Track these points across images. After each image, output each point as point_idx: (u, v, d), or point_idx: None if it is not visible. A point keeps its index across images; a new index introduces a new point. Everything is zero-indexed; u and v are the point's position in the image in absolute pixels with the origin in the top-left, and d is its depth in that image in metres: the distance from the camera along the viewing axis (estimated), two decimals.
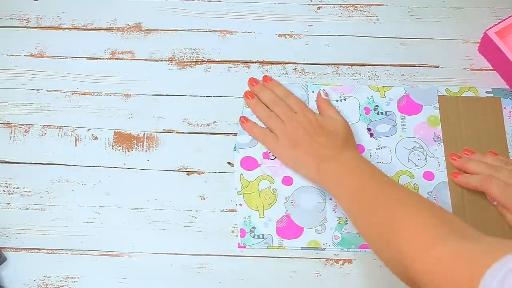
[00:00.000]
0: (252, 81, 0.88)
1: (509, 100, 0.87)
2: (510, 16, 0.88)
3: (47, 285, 0.80)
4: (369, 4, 0.95)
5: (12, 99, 0.89)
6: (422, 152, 0.85)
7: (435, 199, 0.82)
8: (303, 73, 0.90)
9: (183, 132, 0.87)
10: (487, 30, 0.88)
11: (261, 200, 0.83)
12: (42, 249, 0.81)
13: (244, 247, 0.81)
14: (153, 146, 0.86)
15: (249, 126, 0.86)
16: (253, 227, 0.81)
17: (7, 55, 0.92)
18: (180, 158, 0.86)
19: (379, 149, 0.85)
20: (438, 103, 0.87)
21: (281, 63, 0.91)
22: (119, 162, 0.86)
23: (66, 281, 0.80)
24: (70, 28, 0.93)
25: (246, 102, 0.88)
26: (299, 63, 0.91)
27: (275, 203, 0.83)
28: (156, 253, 0.81)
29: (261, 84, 0.88)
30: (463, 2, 0.95)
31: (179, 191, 0.84)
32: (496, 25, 0.88)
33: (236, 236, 0.82)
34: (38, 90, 0.90)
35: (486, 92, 0.88)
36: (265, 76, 0.89)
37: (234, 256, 0.81)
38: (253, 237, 0.81)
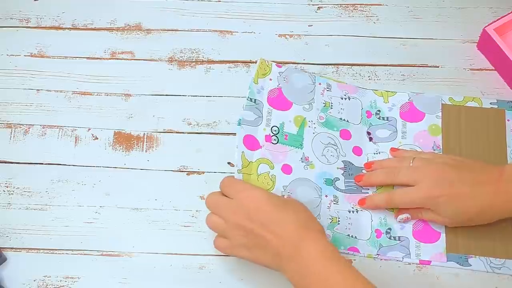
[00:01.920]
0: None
1: None
2: (509, 13, 0.88)
3: (47, 285, 0.80)
4: (369, 4, 0.95)
5: (12, 99, 0.89)
6: None
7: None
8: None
9: (183, 132, 0.87)
10: (486, 26, 0.88)
11: (259, 184, 0.81)
12: (42, 249, 0.81)
13: None
14: (153, 146, 0.86)
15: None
16: None
17: (7, 55, 0.92)
18: (180, 158, 0.86)
19: (377, 153, 0.85)
20: (441, 112, 0.86)
21: (281, 63, 0.91)
22: (119, 162, 0.86)
23: (66, 281, 0.80)
24: (70, 28, 0.93)
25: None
26: (299, 63, 0.91)
27: (272, 190, 0.81)
28: (156, 253, 0.81)
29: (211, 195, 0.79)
30: (463, 2, 0.95)
31: (179, 191, 0.84)
32: (495, 21, 0.88)
33: None
34: (38, 90, 0.90)
35: (490, 103, 0.87)
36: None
37: (234, 256, 0.81)
38: None
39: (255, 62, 0.91)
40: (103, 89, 0.90)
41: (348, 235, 0.80)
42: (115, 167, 0.85)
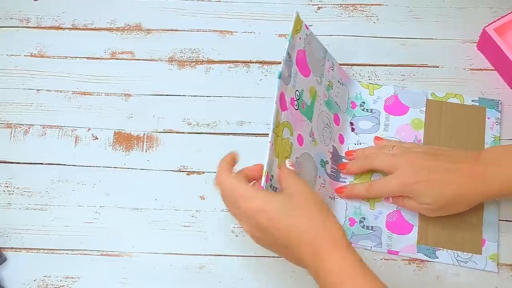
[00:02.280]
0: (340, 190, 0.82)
1: (494, 111, 0.87)
2: (509, 13, 0.88)
3: (47, 285, 0.80)
4: (369, 4, 0.95)
5: (12, 99, 0.89)
6: None
7: None
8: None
9: (183, 132, 0.87)
10: (485, 26, 0.88)
11: (282, 149, 0.74)
12: (42, 249, 0.81)
13: (263, 188, 0.70)
14: (153, 146, 0.87)
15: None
16: (272, 176, 0.72)
17: (7, 55, 0.92)
18: (180, 158, 0.86)
19: (357, 144, 0.85)
20: (425, 107, 0.87)
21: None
22: (119, 162, 0.86)
23: (66, 281, 0.80)
24: (70, 28, 0.93)
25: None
26: None
27: (289, 157, 0.75)
28: (156, 253, 0.81)
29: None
30: (463, 2, 0.95)
31: (179, 191, 0.84)
32: (495, 21, 0.88)
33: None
34: (38, 90, 0.90)
35: (472, 100, 0.87)
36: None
37: (234, 256, 0.81)
38: (270, 185, 0.71)
39: (255, 62, 0.91)
40: (103, 89, 0.90)
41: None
42: (115, 167, 0.85)
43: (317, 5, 0.95)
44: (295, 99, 0.77)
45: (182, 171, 0.85)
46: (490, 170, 0.74)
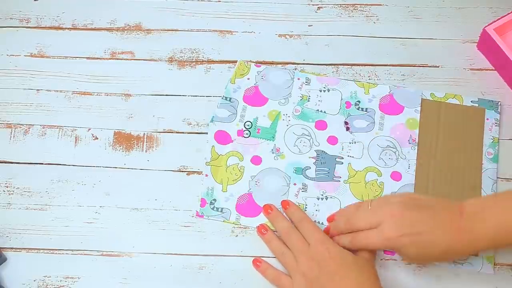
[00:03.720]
0: (268, 208, 0.82)
1: (493, 112, 0.87)
2: (509, 13, 0.88)
3: (47, 285, 0.80)
4: (369, 4, 0.95)
5: (12, 99, 0.89)
6: (395, 152, 0.85)
7: None
8: (303, 73, 0.90)
9: (183, 132, 0.87)
10: (486, 26, 0.88)
11: (227, 175, 0.84)
12: (42, 249, 0.81)
13: (202, 216, 0.82)
14: (153, 146, 0.86)
15: (268, 239, 0.81)
16: (214, 199, 0.83)
17: (7, 55, 0.92)
18: (180, 158, 0.86)
19: (352, 143, 0.86)
20: (420, 107, 0.87)
21: (281, 63, 0.91)
22: (119, 162, 0.86)
23: (66, 281, 0.80)
24: (70, 28, 0.93)
25: (260, 236, 0.81)
26: (299, 63, 0.91)
27: (240, 180, 0.84)
28: (156, 253, 0.81)
29: (275, 212, 0.82)
30: (463, 2, 0.95)
31: (179, 191, 0.84)
32: (495, 21, 0.88)
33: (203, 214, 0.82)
34: (38, 90, 0.90)
35: (471, 101, 0.87)
36: (284, 201, 0.82)
37: (234, 256, 0.81)
38: (212, 208, 0.82)
39: (255, 62, 0.91)
40: (103, 89, 0.90)
41: (315, 221, 0.82)
42: (115, 167, 0.85)
43: (317, 5, 0.95)
44: (243, 129, 0.86)
45: (182, 171, 0.85)
46: (476, 226, 0.71)
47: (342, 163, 0.85)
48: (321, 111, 0.87)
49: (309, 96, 0.88)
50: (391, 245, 0.75)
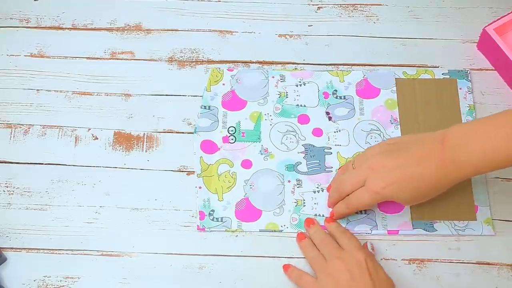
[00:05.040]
0: (309, 223, 0.81)
1: (465, 81, 0.89)
2: (509, 13, 0.88)
3: (47, 285, 0.80)
4: (369, 4, 0.95)
5: (12, 99, 0.89)
6: (379, 134, 0.86)
7: None
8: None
9: (183, 132, 0.87)
10: (485, 26, 0.88)
11: (220, 184, 0.84)
12: (42, 249, 0.81)
13: (203, 229, 0.82)
14: (153, 146, 0.86)
15: (304, 244, 0.81)
16: (212, 210, 0.82)
17: (7, 55, 0.92)
18: (180, 158, 0.86)
19: (337, 132, 0.87)
20: (395, 86, 0.88)
21: (281, 63, 0.91)
22: (119, 162, 0.86)
23: (66, 281, 0.80)
24: (70, 28, 0.93)
25: (298, 243, 0.81)
26: (299, 63, 0.91)
27: (234, 186, 0.84)
28: (156, 253, 0.81)
29: (317, 225, 0.81)
30: (463, 2, 0.95)
31: (179, 191, 0.84)
32: (495, 21, 0.88)
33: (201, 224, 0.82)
34: (38, 90, 0.90)
35: (442, 74, 0.89)
36: (328, 218, 0.82)
37: (234, 256, 0.81)
38: (212, 220, 0.82)
39: (255, 62, 0.91)
40: (103, 89, 0.90)
41: (315, 214, 0.82)
42: (115, 167, 0.85)
43: (317, 5, 0.95)
44: (228, 135, 0.86)
45: (182, 171, 0.85)
46: (459, 154, 0.72)
47: (331, 153, 0.85)
48: (301, 105, 0.88)
49: (287, 93, 0.88)
50: (381, 197, 0.76)
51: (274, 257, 0.81)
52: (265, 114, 0.87)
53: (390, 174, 0.74)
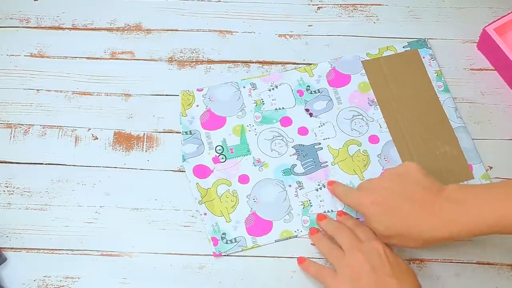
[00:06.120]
0: (321, 218, 0.81)
1: (425, 49, 0.90)
2: (509, 13, 0.88)
3: (47, 285, 0.80)
4: (369, 4, 0.95)
5: (12, 99, 0.89)
6: (362, 119, 0.87)
7: (385, 160, 0.85)
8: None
9: None
10: (485, 26, 0.88)
11: (224, 205, 0.83)
12: (42, 249, 0.81)
13: (220, 255, 0.80)
14: (153, 146, 0.87)
15: (317, 238, 0.80)
16: (224, 233, 0.81)
17: (7, 55, 0.92)
18: (180, 158, 0.86)
19: (321, 126, 0.87)
20: (363, 69, 0.90)
21: (281, 63, 0.91)
22: (119, 162, 0.86)
23: (66, 281, 0.80)
24: (70, 28, 0.93)
25: (310, 237, 0.81)
26: (299, 63, 0.91)
27: (238, 204, 0.83)
28: (156, 253, 0.81)
29: (329, 218, 0.81)
30: (463, 2, 0.95)
31: (179, 191, 0.84)
32: (495, 21, 0.88)
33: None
34: (38, 90, 0.90)
35: (403, 47, 0.91)
36: (339, 211, 0.82)
37: (234, 256, 0.81)
38: (225, 243, 0.81)
39: (255, 62, 0.91)
40: (103, 89, 0.90)
41: (324, 211, 0.82)
42: (115, 167, 0.85)
43: (317, 5, 0.95)
44: (217, 155, 0.85)
45: (182, 171, 0.85)
46: (454, 212, 0.71)
47: (322, 148, 0.86)
48: (280, 109, 0.88)
49: (262, 99, 0.88)
50: (360, 209, 0.77)
51: (274, 257, 0.81)
52: (248, 126, 0.87)
53: (381, 194, 0.76)
